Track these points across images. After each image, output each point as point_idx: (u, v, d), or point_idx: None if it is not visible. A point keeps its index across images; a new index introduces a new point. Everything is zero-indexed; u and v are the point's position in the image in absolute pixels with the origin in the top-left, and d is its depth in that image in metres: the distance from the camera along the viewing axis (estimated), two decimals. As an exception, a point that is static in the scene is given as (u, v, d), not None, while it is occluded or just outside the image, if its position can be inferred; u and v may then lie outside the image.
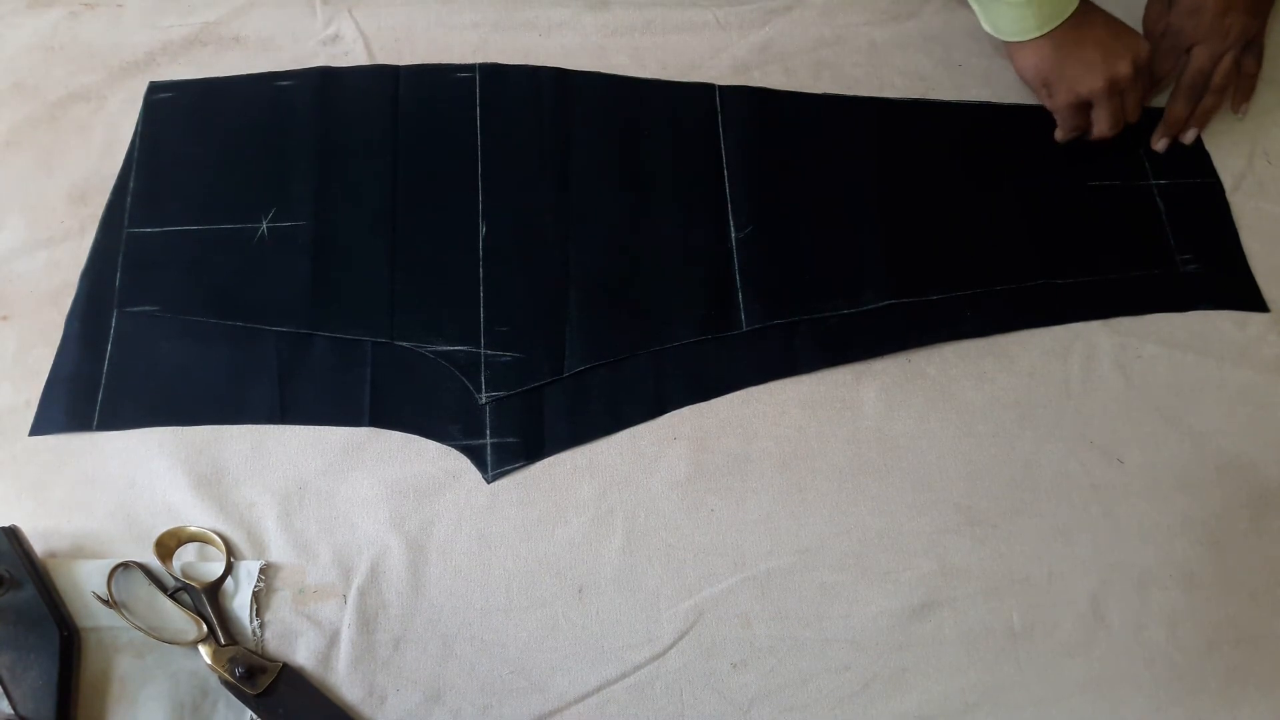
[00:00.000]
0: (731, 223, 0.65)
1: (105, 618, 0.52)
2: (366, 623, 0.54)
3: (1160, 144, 0.68)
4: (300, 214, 0.64)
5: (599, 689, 0.53)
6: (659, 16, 0.73)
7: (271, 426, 0.58)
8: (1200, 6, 0.66)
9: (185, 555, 0.55)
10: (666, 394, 0.60)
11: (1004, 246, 0.65)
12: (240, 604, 0.53)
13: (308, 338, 0.61)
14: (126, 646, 0.52)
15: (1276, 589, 0.56)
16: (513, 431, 0.59)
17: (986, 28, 0.65)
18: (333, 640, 0.53)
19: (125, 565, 0.53)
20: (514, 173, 0.66)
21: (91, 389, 0.59)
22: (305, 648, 0.53)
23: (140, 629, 0.52)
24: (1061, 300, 0.63)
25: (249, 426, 0.58)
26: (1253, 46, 0.68)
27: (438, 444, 0.58)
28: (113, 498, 0.56)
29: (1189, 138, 0.68)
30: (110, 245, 0.63)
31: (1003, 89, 0.71)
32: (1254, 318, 0.64)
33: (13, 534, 0.52)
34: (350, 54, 0.71)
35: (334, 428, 0.58)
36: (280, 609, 0.54)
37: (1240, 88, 0.69)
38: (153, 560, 0.54)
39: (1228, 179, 0.68)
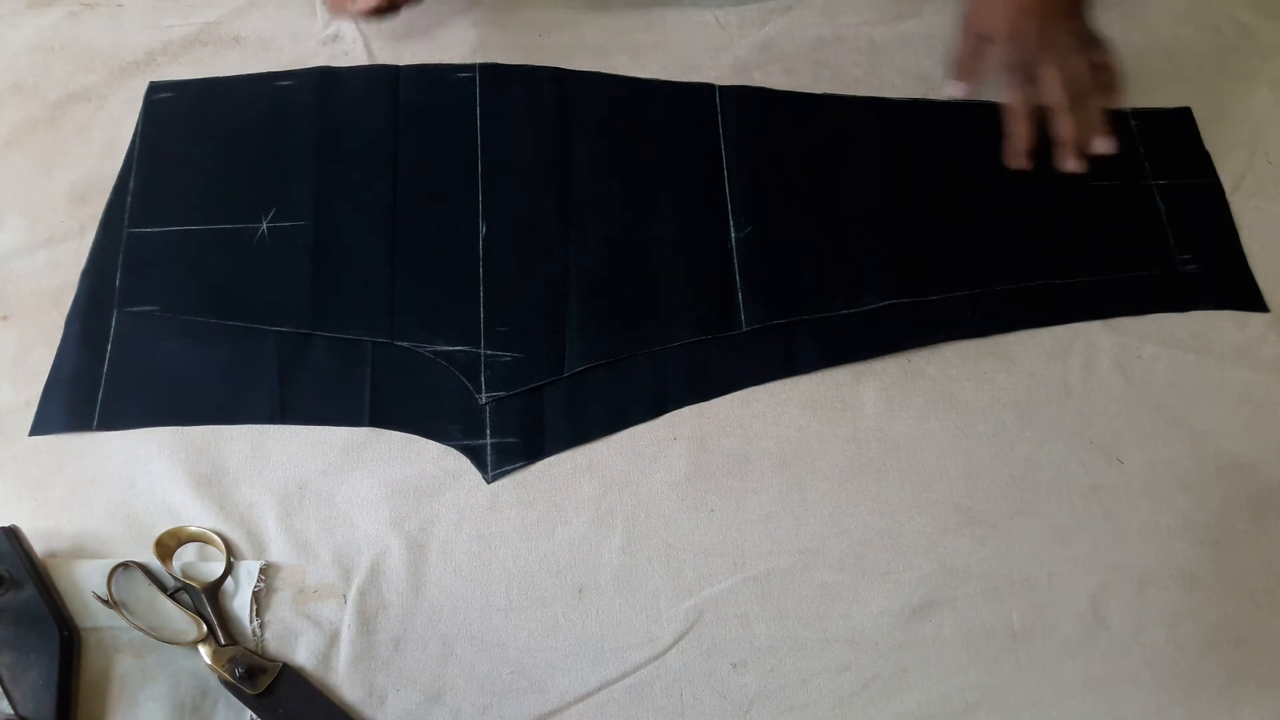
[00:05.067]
0: (731, 223, 0.65)
1: (105, 618, 0.52)
2: (366, 623, 0.54)
3: (1070, 164, 0.63)
4: (300, 214, 0.64)
5: (599, 689, 0.53)
6: (659, 16, 0.73)
7: (271, 426, 0.58)
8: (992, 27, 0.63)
9: (185, 555, 0.55)
10: (666, 394, 0.60)
11: (1004, 246, 0.65)
12: (240, 604, 0.53)
13: (308, 338, 0.61)
14: (126, 646, 0.52)
15: (1276, 589, 0.56)
16: (513, 431, 0.59)
17: None
18: (333, 640, 0.53)
19: (125, 565, 0.53)
20: (514, 173, 0.66)
21: (91, 389, 0.59)
22: (305, 648, 0.53)
23: (140, 629, 0.52)
24: (1061, 300, 0.63)
25: (249, 426, 0.58)
26: (1089, 43, 0.62)
27: (438, 444, 0.58)
28: (113, 498, 0.56)
29: (1099, 147, 0.62)
30: (110, 245, 0.63)
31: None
32: (1254, 318, 0.64)
33: (13, 534, 0.52)
34: (350, 54, 0.71)
35: (334, 428, 0.58)
36: (280, 609, 0.54)
37: (1103, 84, 0.63)
38: (153, 560, 0.54)
39: (1228, 179, 0.68)
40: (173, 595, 0.53)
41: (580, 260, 0.63)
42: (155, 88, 0.69)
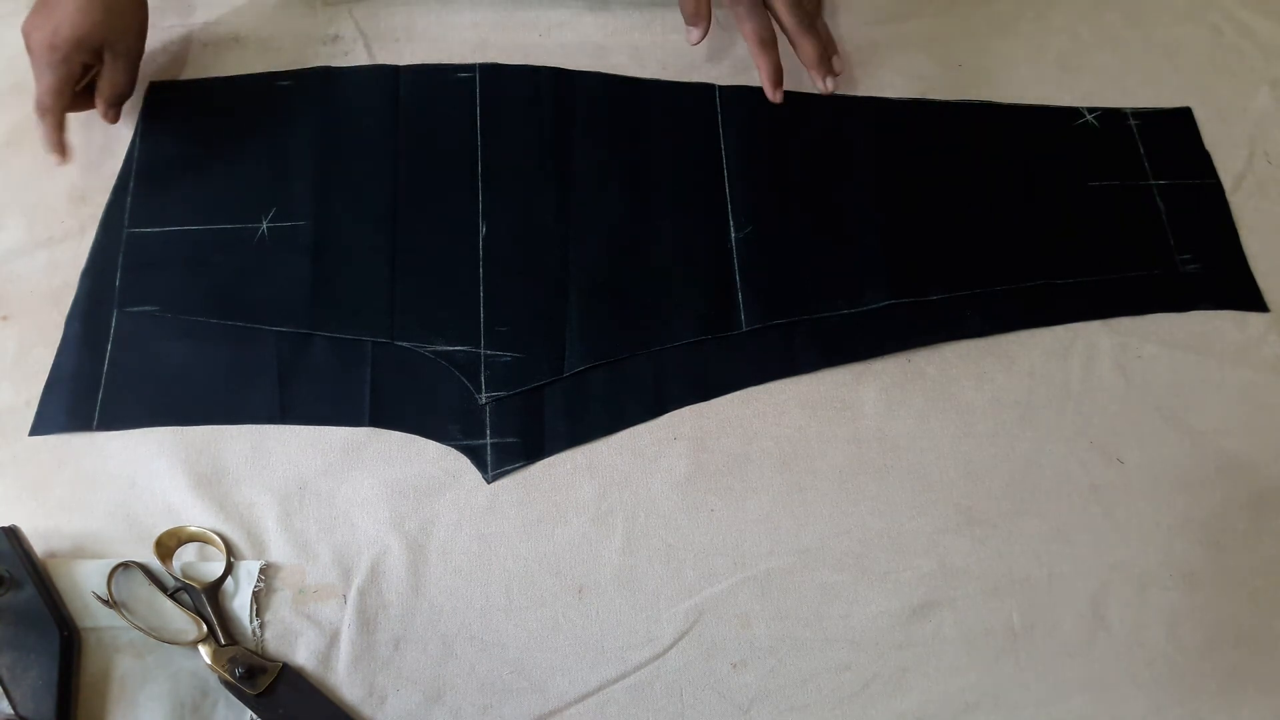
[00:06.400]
0: (731, 223, 0.65)
1: (105, 618, 0.52)
2: (366, 623, 0.54)
3: (825, 84, 0.65)
4: (300, 214, 0.64)
5: (599, 689, 0.53)
6: (659, 16, 0.73)
7: (271, 426, 0.58)
8: None
9: (185, 555, 0.55)
10: (666, 394, 0.60)
11: (1004, 246, 0.65)
12: (240, 604, 0.54)
13: (308, 338, 0.61)
14: (126, 646, 0.52)
15: (1276, 589, 0.56)
16: (513, 431, 0.59)
17: None
18: (333, 640, 0.53)
19: (125, 565, 0.53)
20: (514, 173, 0.66)
21: (91, 389, 0.59)
22: (305, 648, 0.53)
23: (140, 629, 0.52)
24: (1061, 300, 0.63)
25: (249, 426, 0.58)
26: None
27: (438, 444, 0.58)
28: (113, 498, 0.56)
29: (837, 66, 0.66)
30: (110, 245, 0.63)
31: (1003, 89, 0.71)
32: (1254, 318, 0.64)
33: (13, 534, 0.52)
34: (350, 54, 0.71)
35: (334, 428, 0.58)
36: (280, 609, 0.54)
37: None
38: (153, 560, 0.54)
39: (1228, 179, 0.68)
40: (173, 595, 0.53)
41: (580, 260, 0.63)
42: (155, 88, 0.69)
